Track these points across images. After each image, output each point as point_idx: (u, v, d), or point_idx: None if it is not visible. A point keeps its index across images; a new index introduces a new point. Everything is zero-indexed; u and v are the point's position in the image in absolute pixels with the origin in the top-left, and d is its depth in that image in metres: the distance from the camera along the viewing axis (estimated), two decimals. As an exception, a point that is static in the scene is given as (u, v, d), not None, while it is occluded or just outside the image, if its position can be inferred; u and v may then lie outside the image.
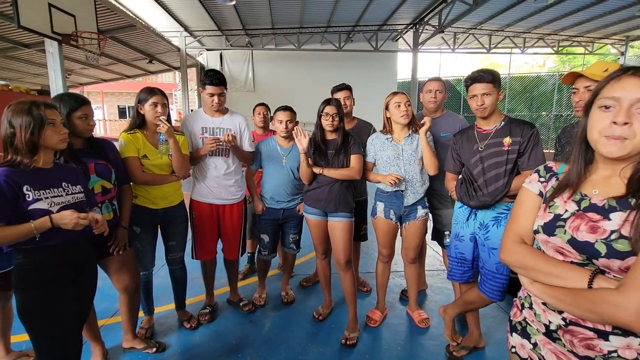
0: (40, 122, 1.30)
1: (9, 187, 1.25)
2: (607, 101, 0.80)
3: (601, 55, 11.74)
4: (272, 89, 10.54)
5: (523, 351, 1.00)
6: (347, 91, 2.49)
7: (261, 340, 2.20)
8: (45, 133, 1.31)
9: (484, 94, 1.73)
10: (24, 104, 1.31)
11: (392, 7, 8.37)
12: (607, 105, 0.80)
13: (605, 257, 0.79)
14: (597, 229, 0.81)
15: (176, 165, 2.04)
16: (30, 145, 1.30)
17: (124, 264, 1.88)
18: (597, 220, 0.82)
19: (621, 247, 0.77)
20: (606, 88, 0.81)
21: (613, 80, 0.80)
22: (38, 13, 3.61)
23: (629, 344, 0.79)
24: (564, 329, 0.87)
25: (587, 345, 0.83)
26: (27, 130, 1.28)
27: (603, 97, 0.81)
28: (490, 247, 1.79)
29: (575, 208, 0.87)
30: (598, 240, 0.80)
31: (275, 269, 3.16)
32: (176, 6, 7.88)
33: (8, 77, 10.00)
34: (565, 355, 0.88)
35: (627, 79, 0.78)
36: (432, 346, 2.16)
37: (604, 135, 0.80)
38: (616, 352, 0.80)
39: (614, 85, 0.79)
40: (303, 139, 2.05)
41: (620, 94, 0.78)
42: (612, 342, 0.81)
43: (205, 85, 2.17)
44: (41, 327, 1.35)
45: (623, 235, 0.77)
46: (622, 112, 0.77)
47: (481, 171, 1.79)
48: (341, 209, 2.15)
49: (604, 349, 0.81)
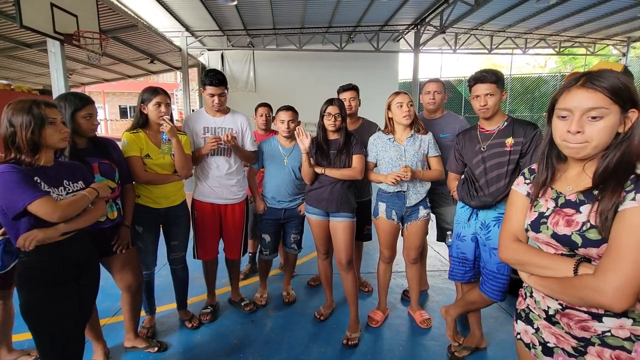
0: (40, 121, 1.29)
1: (27, 173, 1.27)
2: (561, 112, 0.90)
3: (603, 56, 11.72)
4: (273, 89, 10.54)
5: (526, 336, 1.06)
6: (354, 91, 2.49)
7: (262, 340, 2.20)
8: (46, 132, 1.31)
9: (487, 95, 1.73)
10: (24, 102, 1.30)
11: (394, 8, 8.37)
12: (563, 115, 0.89)
13: (583, 246, 0.87)
14: (571, 222, 0.90)
15: (179, 165, 2.05)
16: (32, 144, 1.29)
17: (127, 262, 1.88)
18: (571, 215, 0.90)
19: (593, 236, 0.85)
20: (560, 99, 0.90)
21: (565, 92, 0.89)
22: (40, 13, 3.62)
23: (621, 325, 0.85)
24: (561, 313, 0.94)
25: (583, 327, 0.90)
26: (27, 129, 1.27)
27: (558, 107, 0.90)
28: (492, 247, 1.79)
29: (553, 205, 0.95)
30: (573, 233, 0.88)
31: (276, 269, 3.16)
32: (178, 6, 7.89)
33: (10, 77, 10.02)
34: (563, 337, 0.95)
35: (576, 91, 0.86)
36: (433, 347, 2.15)
37: (563, 140, 0.90)
38: (610, 332, 0.87)
39: (566, 96, 0.88)
40: (305, 139, 2.05)
41: (570, 105, 0.87)
42: (605, 323, 0.87)
43: (205, 85, 2.17)
44: (44, 326, 1.35)
45: (592, 225, 0.85)
46: (574, 122, 0.86)
47: (483, 171, 1.79)
48: (343, 209, 2.15)
49: (598, 330, 0.88)
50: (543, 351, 1.00)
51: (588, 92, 0.85)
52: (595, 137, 0.85)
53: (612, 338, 0.87)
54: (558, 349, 0.96)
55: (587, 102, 0.84)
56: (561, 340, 0.95)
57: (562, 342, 0.95)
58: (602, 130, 0.85)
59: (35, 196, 1.23)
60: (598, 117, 0.84)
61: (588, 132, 0.85)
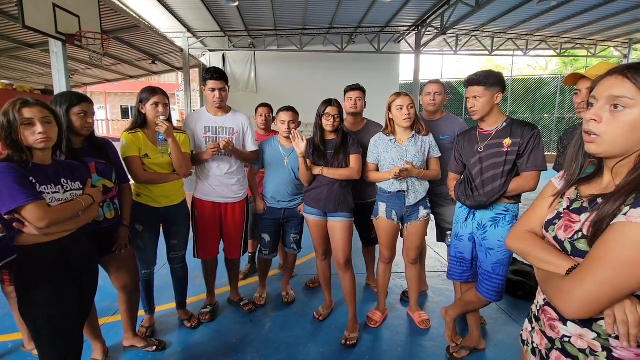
0: (13, 122, 1.28)
1: (23, 173, 1.27)
2: (590, 99, 0.82)
3: (604, 58, 11.71)
4: (274, 90, 10.56)
5: (525, 334, 1.04)
6: (361, 92, 2.50)
7: (261, 340, 2.21)
8: (22, 133, 1.30)
9: (474, 97, 1.75)
10: (9, 103, 1.30)
11: (395, 9, 8.38)
12: (591, 103, 0.82)
13: (572, 255, 0.83)
14: (568, 228, 0.85)
15: (176, 165, 2.05)
16: (12, 145, 1.30)
17: (124, 262, 1.89)
18: (575, 221, 0.85)
19: (582, 247, 0.80)
20: (595, 87, 0.82)
21: (600, 79, 0.81)
22: (43, 13, 3.64)
23: (582, 334, 0.82)
24: (542, 308, 0.93)
25: (551, 326, 0.89)
26: (4, 131, 1.28)
27: (590, 95, 0.83)
28: (488, 248, 1.79)
29: (565, 206, 0.90)
30: (566, 239, 0.85)
31: (276, 269, 3.16)
32: (179, 7, 7.92)
33: (12, 77, 10.06)
34: (539, 334, 0.94)
35: (608, 78, 0.78)
36: (432, 347, 2.15)
37: (584, 131, 0.82)
38: (570, 339, 0.84)
39: (598, 84, 0.81)
40: (300, 142, 2.05)
41: (596, 91, 0.80)
42: (568, 327, 0.84)
43: (206, 80, 2.19)
44: (42, 325, 1.36)
45: (584, 234, 0.80)
46: (593, 108, 0.78)
47: (479, 171, 1.79)
48: (341, 209, 2.15)
49: (561, 332, 0.86)
50: (532, 350, 0.99)
51: (618, 79, 0.76)
52: (610, 130, 0.75)
53: (570, 346, 0.84)
54: (537, 350, 0.95)
55: (613, 89, 0.76)
56: (540, 341, 0.94)
57: (541, 342, 0.93)
58: (621, 123, 0.74)
59: (26, 201, 1.22)
60: (621, 107, 0.74)
61: (605, 122, 0.76)
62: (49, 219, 1.27)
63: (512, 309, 2.55)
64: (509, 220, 1.78)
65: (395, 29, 9.96)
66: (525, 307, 2.54)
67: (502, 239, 1.76)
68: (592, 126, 0.78)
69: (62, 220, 1.34)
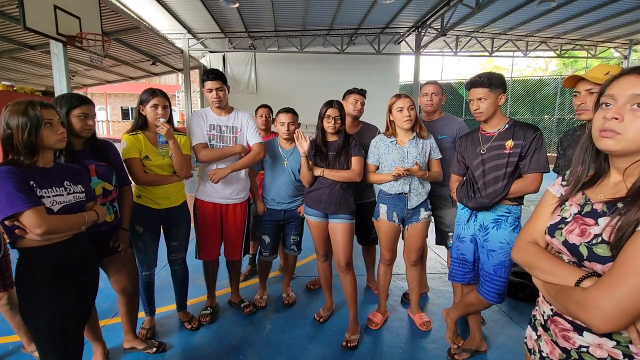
0: (36, 122, 1.28)
1: (23, 178, 1.26)
2: (605, 99, 0.81)
3: (604, 59, 11.73)
4: (274, 91, 10.58)
5: (530, 342, 1.03)
6: (362, 96, 2.50)
7: (262, 342, 2.20)
8: (43, 133, 1.30)
9: (479, 99, 1.74)
10: (20, 104, 1.29)
11: (395, 10, 8.40)
12: (606, 103, 0.81)
13: (588, 260, 0.81)
14: (585, 232, 0.83)
15: (177, 166, 2.05)
16: (29, 145, 1.29)
17: (123, 265, 1.89)
18: (590, 225, 0.83)
19: (601, 252, 0.78)
20: (608, 87, 0.82)
21: (615, 79, 0.81)
22: (43, 15, 3.65)
23: (600, 344, 0.80)
24: (551, 318, 0.91)
25: (565, 336, 0.87)
26: (24, 131, 1.27)
27: (603, 95, 0.82)
28: (489, 249, 1.79)
29: (576, 211, 0.88)
30: (582, 244, 0.82)
31: (276, 270, 3.16)
32: (180, 9, 7.94)
33: (13, 78, 10.09)
34: (550, 344, 0.92)
35: (625, 77, 0.79)
36: (433, 349, 2.15)
37: (599, 130, 0.81)
38: (587, 348, 0.82)
39: (614, 83, 0.80)
40: (304, 142, 2.05)
41: (615, 91, 0.79)
42: (585, 337, 0.83)
43: (204, 82, 2.20)
44: (42, 326, 1.35)
45: (604, 239, 0.78)
46: (614, 107, 0.78)
47: (481, 173, 1.79)
48: (342, 211, 2.15)
49: (577, 343, 0.84)
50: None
51: (639, 78, 0.76)
52: (633, 128, 0.75)
53: (588, 355, 0.82)
54: None
55: (635, 88, 0.75)
56: (552, 350, 0.92)
57: (552, 352, 0.91)
58: None
59: (24, 207, 1.22)
60: None
61: (627, 121, 0.76)
62: (47, 226, 1.26)
63: (513, 311, 2.54)
64: (510, 222, 1.78)
65: (395, 30, 9.98)
66: (526, 309, 2.54)
67: (504, 240, 1.76)
68: (614, 124, 0.77)
69: (61, 230, 1.33)
